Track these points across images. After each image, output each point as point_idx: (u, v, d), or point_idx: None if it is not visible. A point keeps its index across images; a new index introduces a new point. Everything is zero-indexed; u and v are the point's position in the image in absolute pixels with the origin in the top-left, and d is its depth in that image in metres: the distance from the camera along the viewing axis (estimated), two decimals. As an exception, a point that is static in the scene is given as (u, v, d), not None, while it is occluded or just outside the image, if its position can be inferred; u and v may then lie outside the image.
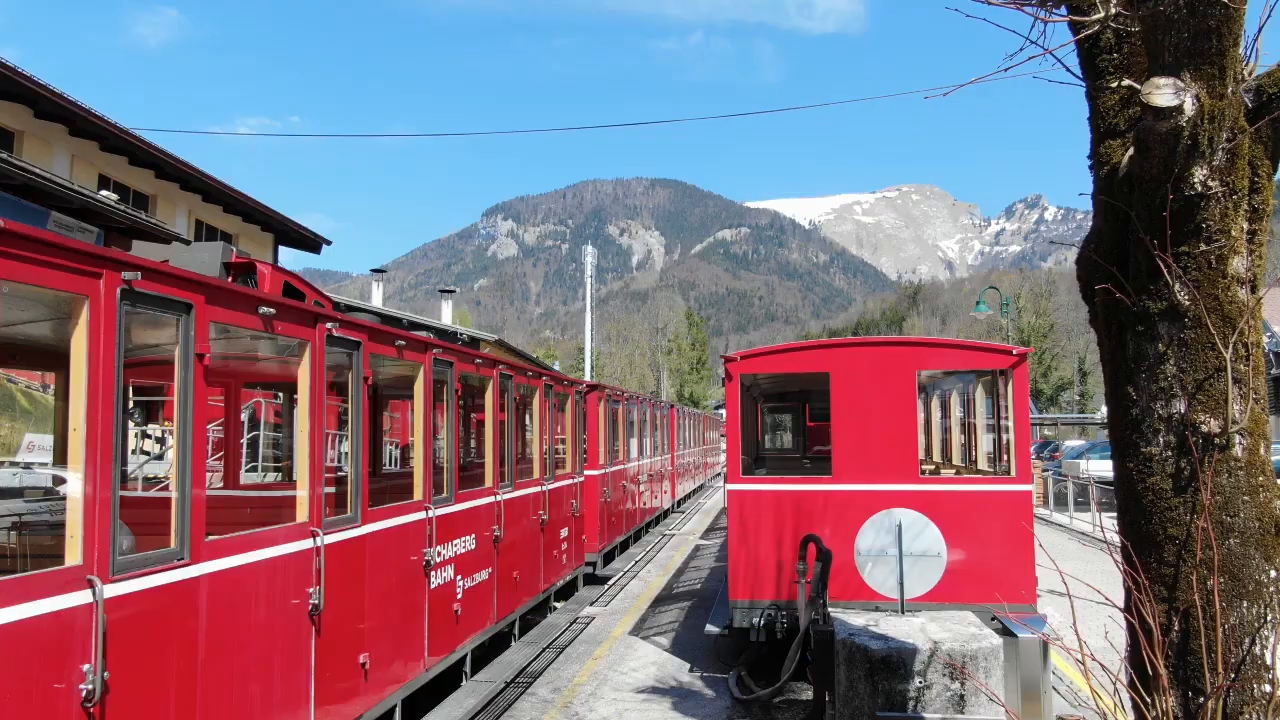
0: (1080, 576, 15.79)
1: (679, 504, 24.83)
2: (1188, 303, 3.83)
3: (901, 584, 7.25)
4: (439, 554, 6.66)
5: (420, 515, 6.39)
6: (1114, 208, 4.20)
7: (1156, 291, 3.90)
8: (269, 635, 4.53)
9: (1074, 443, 43.70)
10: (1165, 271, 3.82)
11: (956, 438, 13.22)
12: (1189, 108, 3.58)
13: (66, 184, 12.39)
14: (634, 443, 16.94)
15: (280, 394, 12.32)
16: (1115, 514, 4.31)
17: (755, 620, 8.65)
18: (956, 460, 12.89)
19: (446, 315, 51.71)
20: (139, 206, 21.98)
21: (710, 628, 9.12)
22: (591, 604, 12.60)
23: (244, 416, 13.43)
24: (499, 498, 8.16)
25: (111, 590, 3.41)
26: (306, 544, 4.87)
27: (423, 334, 16.20)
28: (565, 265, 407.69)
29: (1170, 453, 3.90)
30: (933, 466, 12.91)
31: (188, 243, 15.34)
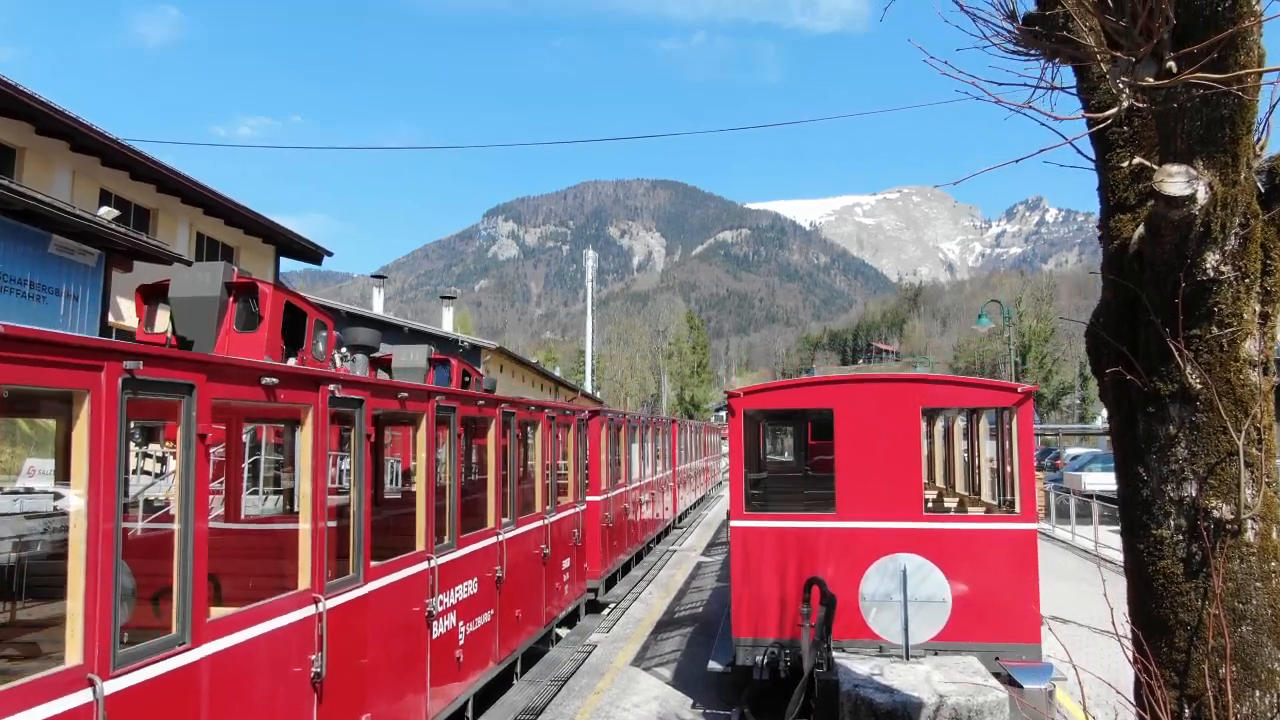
0: (1081, 599, 15.62)
1: (680, 518, 24.78)
2: (1199, 386, 3.79)
3: (906, 630, 7.20)
4: (441, 603, 6.62)
5: (423, 566, 6.35)
6: (1125, 276, 4.17)
7: (1167, 373, 3.86)
8: (270, 707, 4.49)
9: (1075, 450, 43.61)
10: (1177, 355, 3.78)
11: (959, 456, 13.18)
12: (1202, 196, 3.54)
13: (68, 208, 12.36)
14: (636, 463, 16.89)
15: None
16: (1118, 529, 4.30)
17: (758, 658, 8.61)
18: (960, 486, 12.85)
19: (447, 322, 51.70)
20: (140, 220, 21.94)
21: (713, 665, 9.08)
22: (594, 631, 12.56)
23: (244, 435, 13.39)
24: (501, 537, 8.12)
25: (112, 686, 3.38)
26: (309, 611, 4.83)
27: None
28: (566, 266, 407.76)
29: (1181, 536, 3.86)
30: (935, 493, 12.87)
31: (189, 263, 15.30)
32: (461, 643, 7.03)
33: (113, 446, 3.39)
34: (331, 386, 5.10)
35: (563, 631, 11.87)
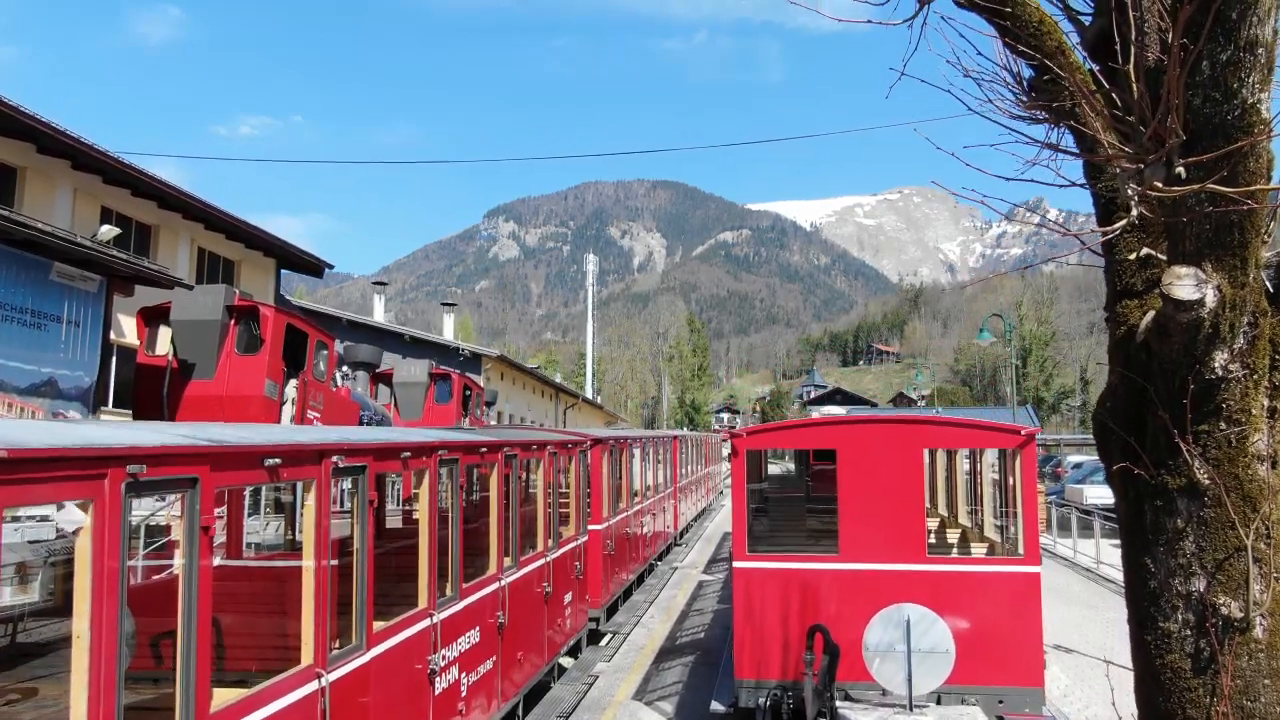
0: (1085, 625, 15.48)
1: (682, 533, 24.74)
2: (1207, 482, 3.77)
3: (910, 681, 7.19)
4: (444, 657, 6.60)
5: (425, 624, 6.33)
6: (1131, 366, 4.15)
7: (1175, 467, 3.84)
8: (273, 790, 4.47)
9: (1076, 458, 43.56)
10: (1185, 451, 3.77)
11: (961, 479, 13.15)
12: (1210, 300, 3.52)
13: (69, 237, 12.35)
14: (637, 485, 16.86)
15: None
16: (1118, 543, 4.32)
17: (761, 701, 8.60)
18: (962, 513, 12.82)
19: (448, 328, 51.75)
20: (142, 237, 21.95)
21: (716, 706, 9.07)
22: (597, 661, 12.53)
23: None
24: (503, 582, 8.10)
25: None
26: (311, 687, 4.82)
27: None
28: (566, 267, 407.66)
29: (1189, 631, 3.84)
30: (937, 522, 12.85)
31: (190, 287, 15.28)
32: (464, 694, 7.01)
33: (115, 556, 3.36)
34: (334, 458, 5.08)
35: (566, 662, 11.84)
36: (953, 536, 11.48)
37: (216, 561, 8.76)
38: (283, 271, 28.91)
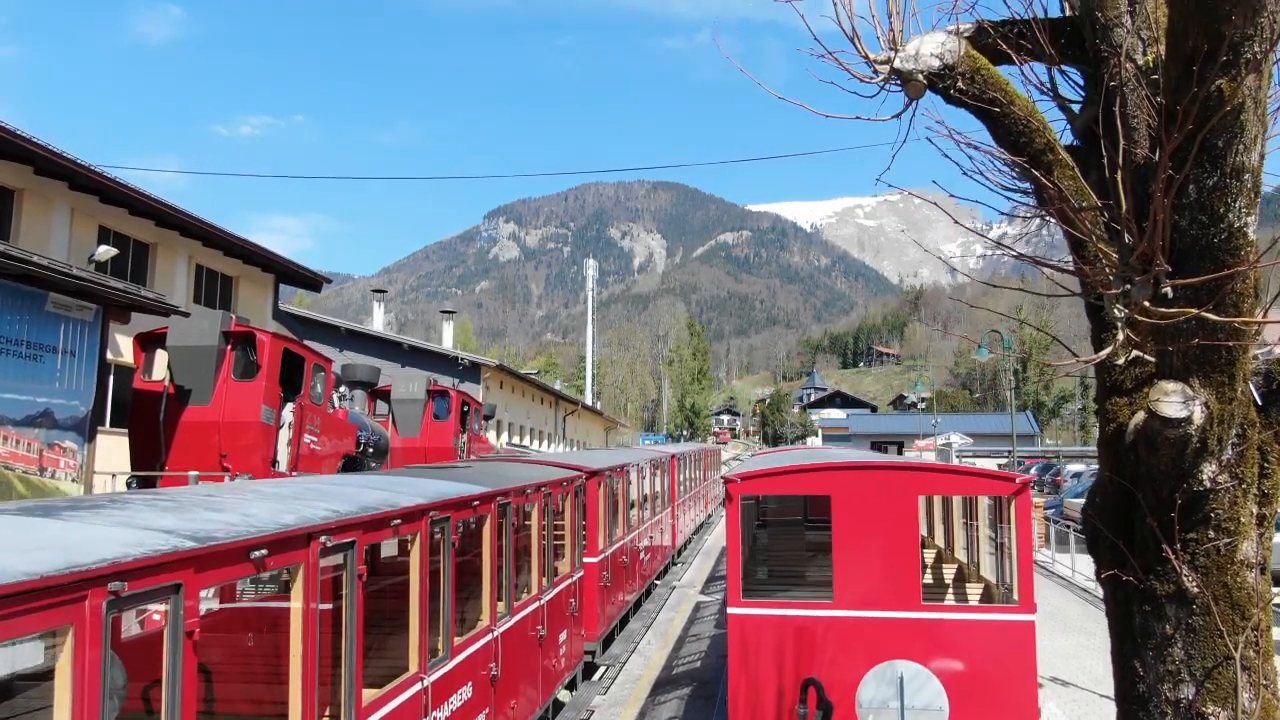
0: (1083, 655, 15.40)
1: (680, 551, 24.70)
2: (1196, 590, 3.76)
3: (903, 739, 7.17)
4: (434, 719, 6.59)
5: (416, 689, 6.31)
6: (1120, 467, 4.13)
7: (1164, 573, 3.83)
8: None
9: (1076, 468, 43.48)
10: (1173, 559, 3.75)
11: (958, 510, 13.12)
12: (1198, 417, 3.51)
13: (65, 269, 12.33)
14: (634, 510, 16.83)
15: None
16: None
17: (755, 750, 8.57)
18: (959, 546, 12.80)
19: (447, 336, 51.74)
20: (140, 255, 21.95)
21: (710, 752, 9.05)
22: (595, 695, 12.49)
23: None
24: (497, 633, 8.07)
25: None
26: (299, 773, 4.81)
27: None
28: (567, 268, 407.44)
29: (1178, 739, 3.83)
30: (934, 554, 12.83)
31: (186, 314, 15.26)
32: (456, 753, 7.00)
33: (96, 676, 3.35)
34: (323, 538, 5.06)
35: (564, 696, 11.82)
36: (949, 573, 11.47)
37: (212, 603, 8.73)
38: (281, 287, 28.93)
